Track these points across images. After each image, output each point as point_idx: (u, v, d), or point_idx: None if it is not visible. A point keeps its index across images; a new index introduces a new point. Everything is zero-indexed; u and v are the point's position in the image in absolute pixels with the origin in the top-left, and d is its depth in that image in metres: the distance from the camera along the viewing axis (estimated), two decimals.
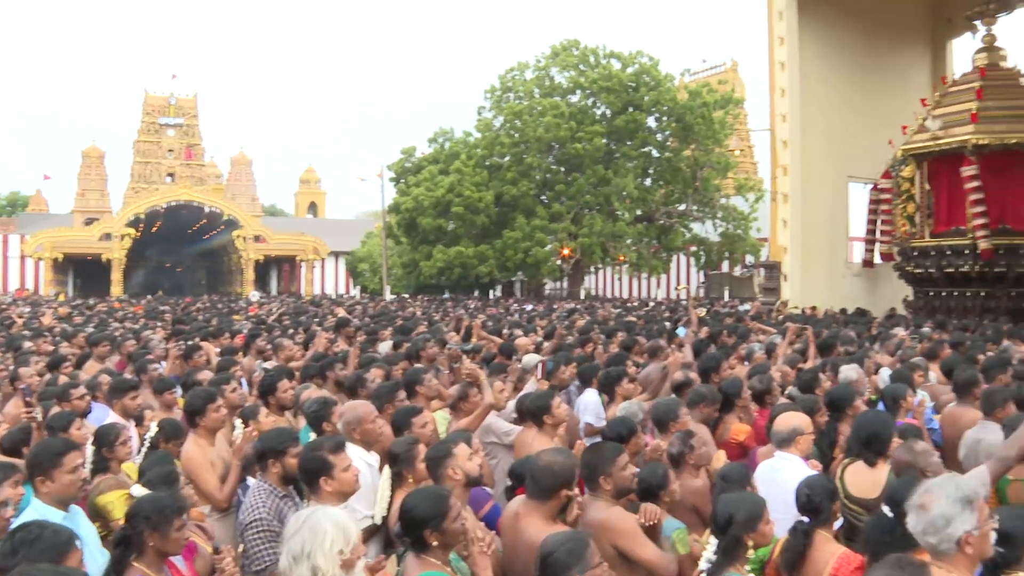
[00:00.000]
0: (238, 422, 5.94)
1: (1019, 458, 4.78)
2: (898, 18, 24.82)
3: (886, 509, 3.95)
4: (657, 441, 5.60)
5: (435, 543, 3.62)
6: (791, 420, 5.31)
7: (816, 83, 23.09)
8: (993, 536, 3.26)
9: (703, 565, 3.77)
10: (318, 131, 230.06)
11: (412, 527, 3.66)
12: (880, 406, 6.76)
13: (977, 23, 20.89)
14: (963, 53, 24.36)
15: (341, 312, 17.54)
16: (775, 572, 4.08)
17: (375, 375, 7.58)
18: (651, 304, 31.21)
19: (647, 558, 4.19)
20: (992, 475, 4.53)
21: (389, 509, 4.62)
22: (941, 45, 26.36)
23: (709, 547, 3.78)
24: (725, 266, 48.77)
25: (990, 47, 20.47)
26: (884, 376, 8.08)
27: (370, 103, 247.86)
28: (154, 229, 59.88)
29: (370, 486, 4.87)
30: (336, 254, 65.61)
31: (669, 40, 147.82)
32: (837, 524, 4.31)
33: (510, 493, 5.01)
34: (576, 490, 4.23)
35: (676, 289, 46.79)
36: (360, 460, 4.91)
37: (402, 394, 6.48)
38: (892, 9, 24.46)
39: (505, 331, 14.10)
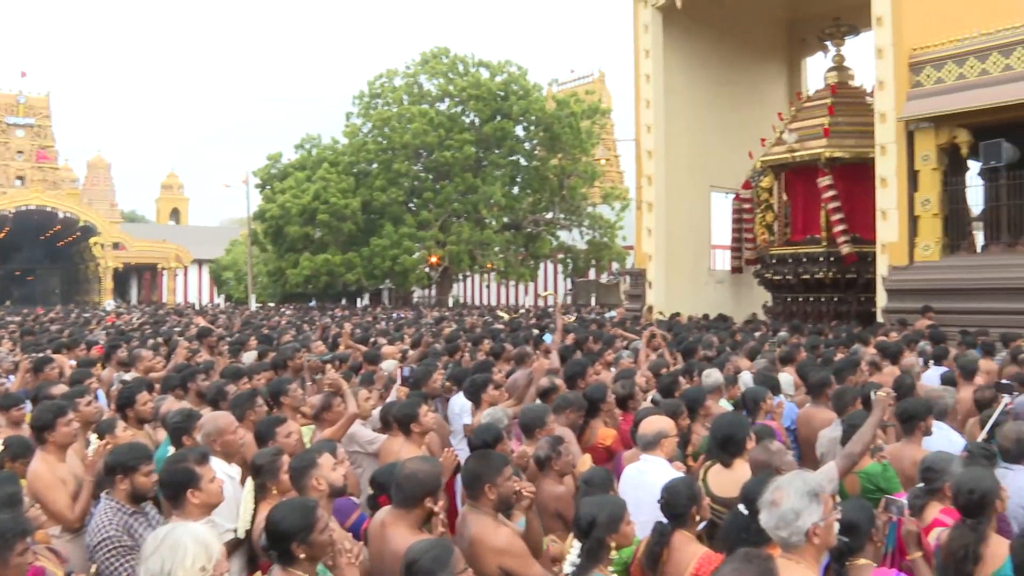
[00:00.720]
0: (93, 437, 5.65)
1: (864, 454, 5.04)
2: (758, 36, 25.75)
3: (742, 507, 4.06)
4: (523, 447, 5.64)
5: (302, 555, 3.51)
6: (656, 424, 5.41)
7: (680, 95, 23.71)
8: (836, 526, 3.39)
9: (567, 569, 3.81)
10: (181, 135, 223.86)
11: (279, 540, 3.54)
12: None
13: (828, 44, 21.90)
14: (816, 71, 25.50)
15: (202, 321, 17.03)
16: (639, 572, 4.13)
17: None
18: (520, 312, 31.39)
19: None
20: (840, 471, 4.75)
21: (253, 522, 4.49)
22: (797, 63, 27.50)
23: (572, 551, 3.82)
24: (592, 273, 49.47)
25: (840, 66, 21.49)
26: (746, 379, 8.33)
27: (235, 107, 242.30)
28: (2, 235, 57.04)
29: (232, 499, 4.72)
30: (200, 262, 63.91)
31: (538, 50, 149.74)
32: (702, 524, 4.38)
33: (372, 502, 4.95)
34: (440, 504, 4.14)
35: (541, 296, 47.14)
36: (221, 472, 4.71)
37: (261, 403, 6.35)
38: (752, 28, 25.35)
39: (372, 340, 14.00)
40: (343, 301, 44.10)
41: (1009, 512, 4.86)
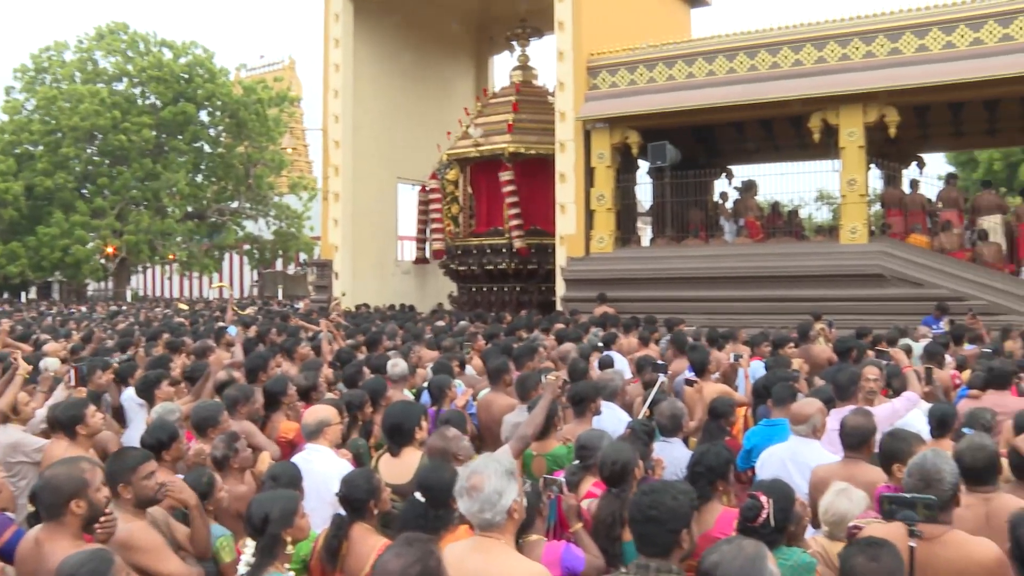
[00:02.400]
0: None
1: (535, 436, 5.20)
2: (447, 32, 26.06)
3: (418, 495, 4.08)
4: (200, 445, 5.35)
5: None
6: (318, 413, 5.39)
7: (369, 86, 23.58)
8: (525, 501, 3.52)
9: (242, 569, 3.63)
10: None
11: None
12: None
13: (515, 44, 22.61)
14: (503, 69, 26.30)
15: None
16: (319, 567, 4.03)
17: None
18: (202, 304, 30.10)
19: (169, 572, 3.92)
20: (514, 453, 4.85)
21: None
22: (484, 60, 28.19)
23: (247, 550, 3.64)
24: (279, 265, 48.39)
25: (524, 66, 22.24)
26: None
27: None
28: None
29: None
30: None
31: (225, 34, 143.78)
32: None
33: (33, 520, 4.42)
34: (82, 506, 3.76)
35: (213, 287, 45.37)
36: None
37: None
38: (442, 23, 25.64)
39: (34, 337, 12.81)
40: (5, 295, 40.11)
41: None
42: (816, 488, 4.78)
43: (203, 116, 42.06)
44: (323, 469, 4.90)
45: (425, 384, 7.66)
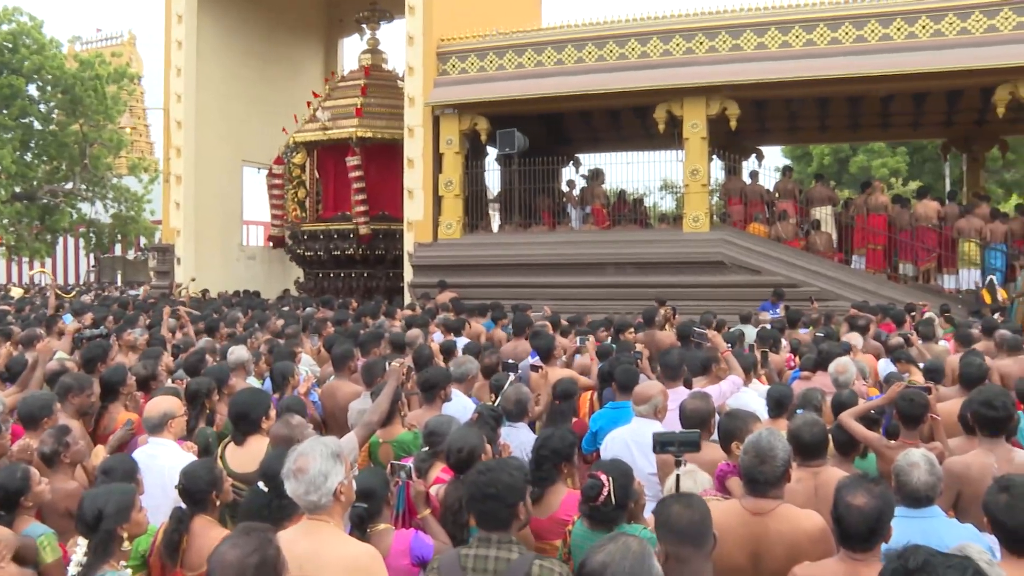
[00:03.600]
0: None
1: (380, 423, 5.16)
2: (296, 12, 25.50)
3: (261, 484, 4.03)
4: (26, 440, 5.05)
5: None
6: (161, 404, 5.16)
7: (213, 65, 22.83)
8: (355, 483, 3.53)
9: (73, 570, 3.44)
10: None
11: None
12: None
13: (364, 26, 22.32)
14: (352, 52, 25.88)
15: None
16: (159, 563, 3.89)
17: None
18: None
19: None
20: (360, 439, 4.81)
21: None
22: (334, 42, 27.73)
23: (78, 549, 3.46)
24: (118, 249, 46.46)
25: (374, 50, 21.98)
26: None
27: None
28: None
29: None
30: None
31: (56, 3, 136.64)
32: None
33: None
34: None
35: (32, 273, 43.22)
36: None
37: None
38: (291, 4, 25.08)
39: None
40: None
41: None
42: (661, 468, 4.90)
43: (32, 90, 39.79)
44: (168, 463, 4.69)
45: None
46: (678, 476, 4.08)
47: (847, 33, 15.86)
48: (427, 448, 4.88)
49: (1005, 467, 4.43)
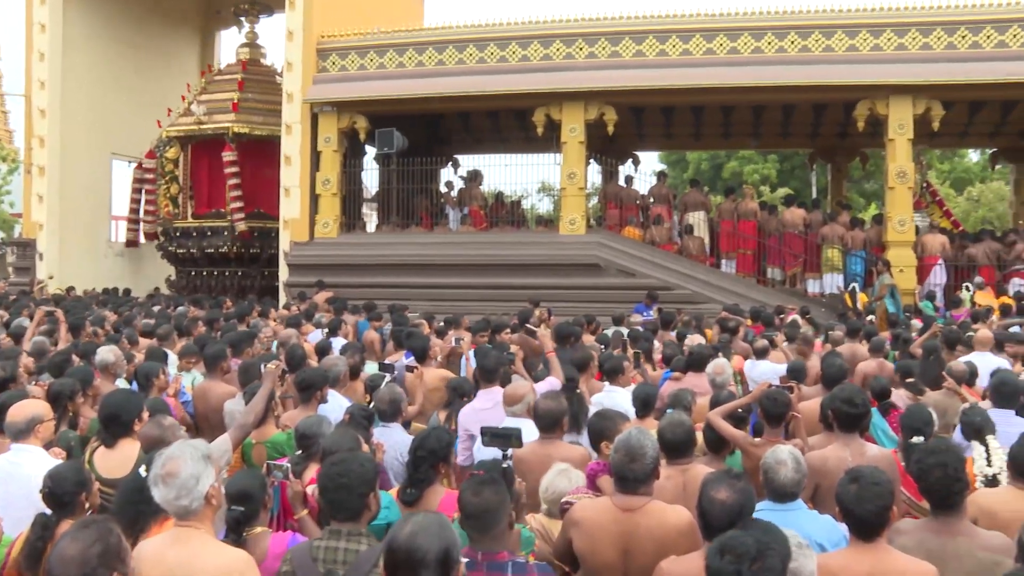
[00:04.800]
0: None
1: (256, 424, 5.11)
2: (172, 1, 24.77)
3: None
4: None
5: None
6: (27, 409, 4.84)
7: (81, 52, 21.94)
8: (223, 487, 3.48)
9: None
10: None
11: None
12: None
13: (242, 19, 21.88)
14: (230, 45, 25.29)
15: None
16: (16, 573, 3.71)
17: None
18: None
19: None
20: (234, 441, 4.75)
21: None
22: (211, 34, 26.95)
23: None
24: None
25: (252, 43, 21.60)
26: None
27: None
28: None
29: None
30: None
31: None
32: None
33: None
34: None
35: None
36: None
37: None
38: None
39: None
40: None
41: (386, 464, 5.26)
42: (517, 464, 4.94)
43: None
44: (34, 471, 4.31)
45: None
46: (506, 464, 4.23)
47: (721, 45, 16.35)
48: (300, 451, 4.84)
49: (858, 460, 4.66)
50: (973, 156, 41.02)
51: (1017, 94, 16.44)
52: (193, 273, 20.17)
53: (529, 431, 5.27)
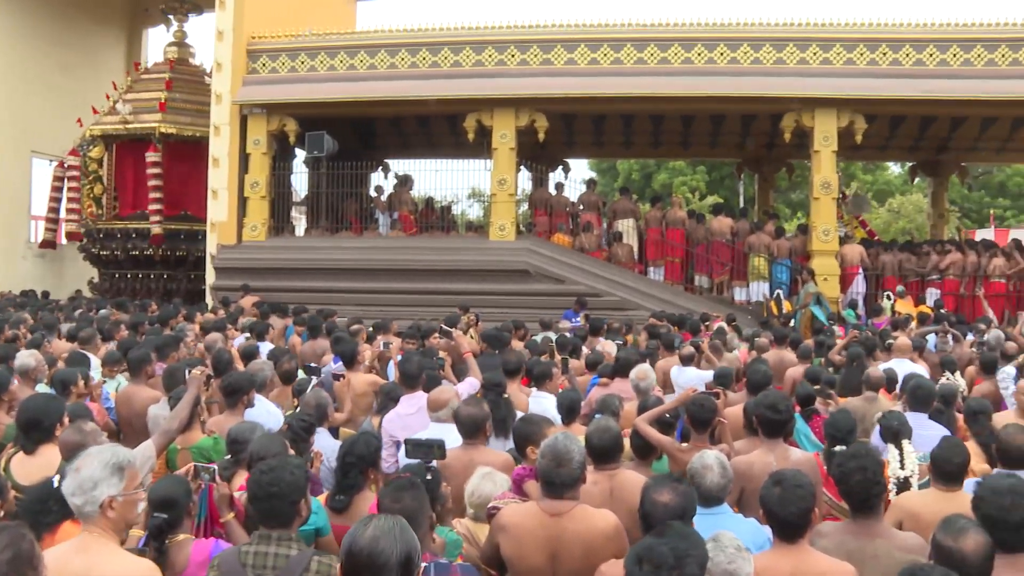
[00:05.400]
0: None
1: (181, 430, 5.06)
2: None
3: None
4: None
5: None
6: None
7: (1, 49, 21.51)
8: (141, 505, 3.41)
9: None
10: None
11: None
12: None
13: (171, 18, 21.54)
14: (158, 44, 24.89)
15: None
16: None
17: None
18: None
19: None
20: (158, 447, 4.69)
21: None
22: (137, 32, 26.56)
23: None
24: None
25: (180, 43, 21.29)
26: None
27: None
28: None
29: None
30: None
31: None
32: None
33: None
34: None
35: None
36: None
37: None
38: None
39: None
40: None
41: (322, 475, 5.27)
42: (441, 471, 4.97)
43: None
44: None
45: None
46: (431, 469, 4.28)
47: (652, 55, 16.56)
48: (230, 456, 4.80)
49: (782, 464, 4.77)
50: (894, 169, 42.12)
51: (934, 110, 17.03)
52: (117, 276, 19.77)
53: (454, 436, 5.31)
